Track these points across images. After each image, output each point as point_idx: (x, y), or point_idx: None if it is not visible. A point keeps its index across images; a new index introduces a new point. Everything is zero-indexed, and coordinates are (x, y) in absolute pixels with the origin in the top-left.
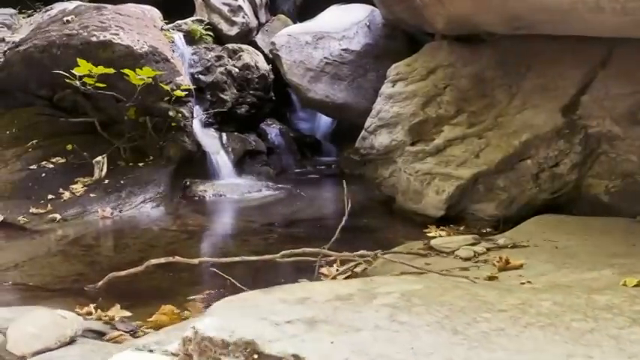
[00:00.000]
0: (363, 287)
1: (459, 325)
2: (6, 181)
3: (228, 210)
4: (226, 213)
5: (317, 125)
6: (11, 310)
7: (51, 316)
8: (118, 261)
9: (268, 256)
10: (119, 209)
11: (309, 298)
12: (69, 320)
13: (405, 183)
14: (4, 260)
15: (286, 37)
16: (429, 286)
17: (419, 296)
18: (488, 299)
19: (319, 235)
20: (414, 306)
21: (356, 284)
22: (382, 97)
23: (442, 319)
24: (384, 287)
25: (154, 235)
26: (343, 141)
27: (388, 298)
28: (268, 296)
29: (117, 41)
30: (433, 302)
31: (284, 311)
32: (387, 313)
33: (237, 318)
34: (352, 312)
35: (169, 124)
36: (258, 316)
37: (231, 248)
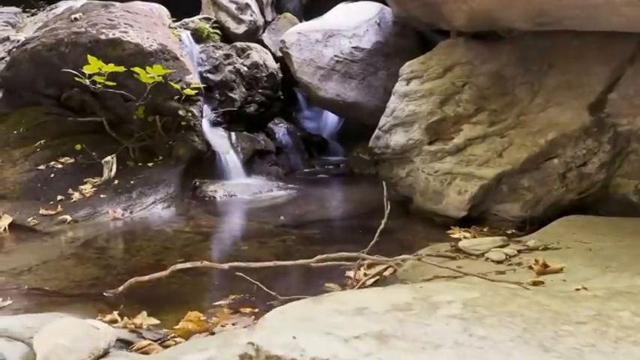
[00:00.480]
0: (417, 295)
1: (544, 340)
2: (14, 181)
3: (239, 211)
4: (238, 214)
5: (323, 124)
6: (32, 318)
7: (82, 326)
8: (133, 264)
9: (303, 260)
10: (130, 210)
11: (366, 308)
12: (102, 331)
13: (423, 183)
14: (18, 263)
15: (296, 35)
16: (485, 294)
17: (482, 306)
18: (557, 309)
19: (337, 237)
20: (484, 317)
21: (407, 292)
22: (396, 96)
23: (522, 332)
24: (440, 295)
25: (167, 237)
26: (350, 140)
27: (451, 309)
28: (321, 306)
29: (126, 39)
30: (501, 313)
31: (346, 324)
32: (459, 326)
33: (300, 333)
34: (420, 325)
35: (179, 123)
36: (321, 330)
37: (249, 251)
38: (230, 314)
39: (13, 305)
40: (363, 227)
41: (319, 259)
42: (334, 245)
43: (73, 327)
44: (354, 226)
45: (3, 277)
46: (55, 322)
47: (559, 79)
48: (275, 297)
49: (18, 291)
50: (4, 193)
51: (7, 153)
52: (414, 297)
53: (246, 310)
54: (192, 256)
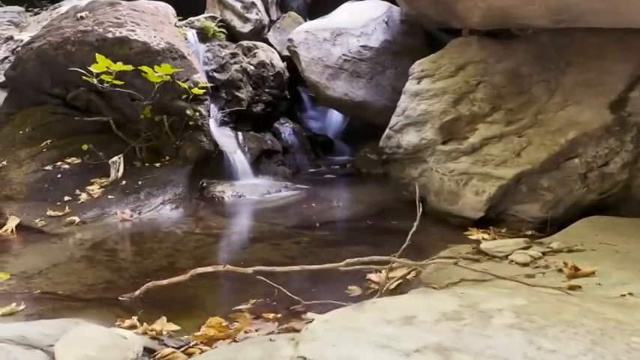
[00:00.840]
0: (463, 303)
1: (619, 353)
2: (21, 182)
3: (249, 212)
4: (248, 215)
5: (328, 124)
6: (48, 324)
7: (108, 335)
8: (145, 267)
9: (331, 264)
10: (138, 211)
11: (413, 317)
12: (129, 341)
13: (438, 183)
14: (27, 266)
15: (304, 34)
16: (532, 301)
17: (535, 314)
18: (617, 318)
19: (351, 238)
20: (543, 328)
21: (450, 298)
22: (407, 95)
23: (591, 345)
24: (487, 303)
25: (178, 239)
26: (356, 140)
27: (505, 317)
28: (365, 315)
29: (134, 37)
30: (559, 322)
31: (400, 335)
32: (522, 338)
33: (354, 345)
34: (480, 336)
35: (186, 123)
36: (375, 343)
37: (262, 253)
38: (252, 319)
39: (26, 310)
40: (376, 228)
41: (349, 263)
42: (349, 247)
43: (98, 336)
44: (367, 227)
45: (13, 281)
46: (76, 330)
47: (577, 77)
48: (298, 301)
49: (30, 295)
50: (11, 194)
51: (13, 153)
52: (460, 304)
53: (268, 315)
54: (205, 258)
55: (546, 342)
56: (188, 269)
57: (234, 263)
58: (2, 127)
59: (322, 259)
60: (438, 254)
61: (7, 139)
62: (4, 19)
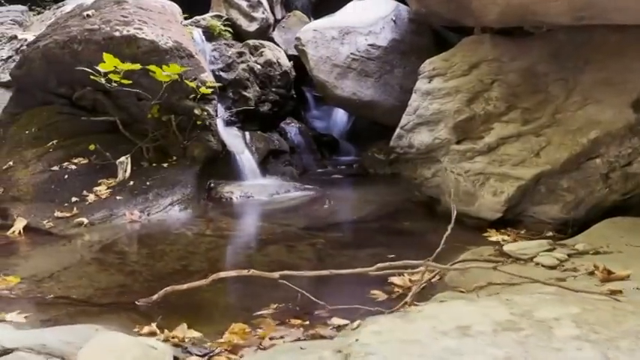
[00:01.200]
0: (515, 311)
1: None
2: (27, 183)
3: (259, 212)
4: (258, 216)
5: (332, 124)
6: (68, 331)
7: (138, 346)
8: (159, 270)
9: (361, 269)
10: (147, 212)
11: (468, 328)
12: (160, 351)
13: (453, 184)
14: (38, 269)
15: (312, 33)
16: (586, 309)
17: (596, 324)
18: None
19: (367, 240)
20: (613, 340)
21: (498, 305)
22: (418, 94)
23: None
24: (539, 311)
25: (189, 241)
26: (361, 140)
27: (565, 328)
28: (416, 325)
29: (141, 36)
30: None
31: (463, 349)
32: (595, 352)
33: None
34: (548, 349)
35: (194, 122)
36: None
37: (278, 255)
38: (275, 325)
39: (40, 316)
40: (389, 229)
41: (380, 267)
42: (365, 249)
43: (126, 346)
44: (381, 229)
45: (24, 285)
46: (100, 339)
47: (596, 75)
48: (321, 306)
49: (43, 300)
50: (18, 195)
51: (19, 154)
52: (512, 312)
53: (292, 320)
54: (219, 261)
55: (623, 356)
56: (203, 272)
57: (249, 266)
58: (8, 127)
59: (340, 262)
60: (458, 256)
61: (13, 139)
62: (7, 19)
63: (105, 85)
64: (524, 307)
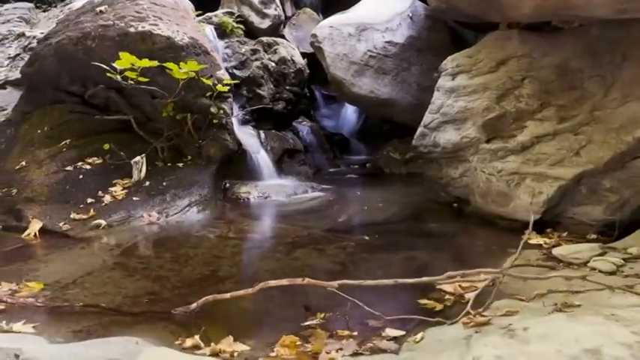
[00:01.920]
0: (635, 329)
1: None
2: (42, 183)
3: (279, 214)
4: (279, 217)
5: (342, 122)
6: (109, 346)
7: None
8: (187, 276)
9: (428, 277)
10: (165, 214)
11: (599, 352)
12: None
13: (484, 184)
14: (60, 275)
15: (328, 29)
16: None
17: None
18: None
19: (398, 243)
20: None
21: (608, 323)
22: (442, 91)
23: None
24: None
25: (212, 244)
26: (371, 139)
27: None
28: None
29: (157, 32)
30: None
31: None
32: None
33: None
34: None
35: (210, 121)
36: None
37: (309, 259)
38: (326, 337)
39: (71, 326)
40: (418, 231)
41: (450, 276)
42: (399, 252)
43: None
44: (408, 231)
45: (49, 291)
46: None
47: (636, 71)
48: (371, 315)
49: (71, 308)
50: (32, 195)
51: (32, 153)
52: (633, 331)
53: (343, 332)
54: (249, 266)
55: None
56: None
57: (281, 271)
58: (19, 126)
59: (375, 266)
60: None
61: (25, 138)
62: (14, 16)
63: (121, 82)
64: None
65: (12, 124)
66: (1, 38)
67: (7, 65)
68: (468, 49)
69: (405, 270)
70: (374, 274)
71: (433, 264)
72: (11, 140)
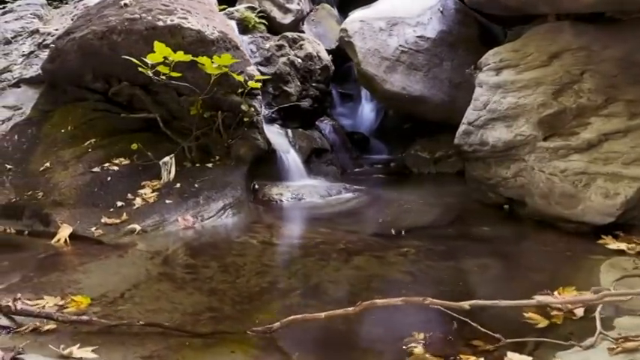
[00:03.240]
0: None
1: None
2: (69, 186)
3: (317, 217)
4: (319, 220)
5: (359, 121)
6: None
7: None
8: (243, 289)
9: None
10: (200, 217)
11: None
12: None
13: (544, 184)
14: (105, 288)
15: (359, 23)
16: None
17: None
18: None
19: (459, 249)
20: None
21: None
22: (485, 87)
23: None
24: None
25: (258, 252)
26: (390, 138)
27: None
28: None
29: (187, 26)
30: None
31: None
32: None
33: None
34: None
35: (240, 119)
36: None
37: (371, 268)
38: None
39: (137, 350)
40: (472, 235)
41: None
42: (466, 259)
43: None
44: (461, 235)
45: (97, 307)
46: None
47: None
48: (498, 339)
49: (129, 328)
50: (60, 199)
51: (56, 154)
52: None
53: (452, 354)
54: (309, 276)
55: None
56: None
57: (346, 282)
58: (41, 126)
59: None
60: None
61: (48, 138)
62: (27, 12)
63: (152, 78)
64: None
65: (32, 123)
66: (15, 35)
67: (21, 63)
68: (512, 43)
69: (484, 280)
70: (452, 284)
71: (511, 273)
72: (33, 140)
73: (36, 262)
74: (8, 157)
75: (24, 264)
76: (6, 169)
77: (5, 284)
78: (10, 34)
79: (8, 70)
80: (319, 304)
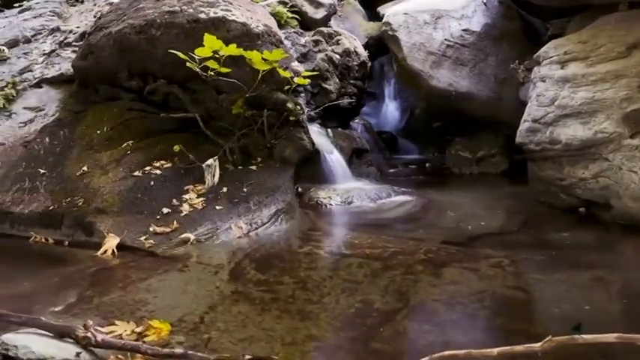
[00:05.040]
0: None
1: None
2: (111, 191)
3: (375, 223)
4: (379, 227)
5: (383, 120)
6: None
7: None
8: (336, 310)
9: None
10: (254, 225)
11: None
12: None
13: (636, 185)
14: (180, 310)
15: (403, 17)
16: None
17: None
18: None
19: (557, 258)
20: None
21: None
22: (550, 82)
23: None
24: None
25: (331, 264)
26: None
27: None
28: None
29: (231, 18)
30: None
31: None
32: None
33: None
34: None
35: (285, 118)
36: None
37: (473, 284)
38: None
39: None
40: (554, 242)
41: None
42: (572, 271)
43: None
44: (542, 242)
45: (180, 335)
46: None
47: None
48: None
49: None
50: (103, 206)
51: (92, 157)
52: None
53: None
54: (406, 294)
55: None
56: (394, 309)
57: (451, 299)
58: (74, 127)
59: (566, 291)
60: None
61: (83, 140)
62: (46, 10)
63: (200, 74)
64: None
65: (64, 124)
66: (34, 33)
67: (42, 62)
68: (575, 34)
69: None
70: (577, 303)
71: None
72: (67, 143)
73: (88, 278)
74: (41, 161)
75: (75, 280)
76: (39, 173)
77: (62, 305)
78: (29, 33)
79: (29, 70)
80: (438, 331)
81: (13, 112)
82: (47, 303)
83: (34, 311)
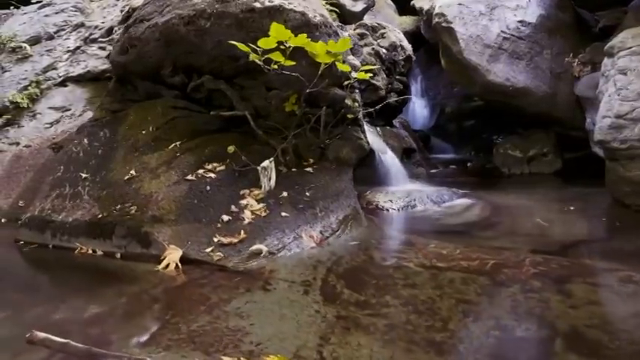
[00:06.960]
0: None
1: None
2: (166, 197)
3: (449, 229)
4: (456, 234)
5: (411, 118)
6: None
7: None
8: (474, 341)
9: None
10: (325, 233)
11: None
12: None
13: None
14: (290, 342)
15: (457, 7)
16: None
17: None
18: None
19: None
20: None
21: None
22: (634, 74)
23: None
24: None
25: (430, 280)
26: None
27: None
28: None
29: (289, 7)
30: None
31: None
32: None
33: None
34: None
35: (342, 116)
36: None
37: (614, 305)
38: None
39: None
40: None
41: None
42: None
43: None
44: None
45: None
46: None
47: None
48: None
49: None
50: (159, 214)
51: (139, 160)
52: None
53: None
54: (543, 318)
55: None
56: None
57: (603, 325)
58: (115, 127)
59: None
60: None
61: (127, 141)
62: (68, 5)
63: (263, 68)
64: None
65: (103, 124)
66: (57, 30)
67: (66, 60)
68: None
69: None
70: None
71: None
72: (109, 144)
73: (160, 299)
74: (81, 165)
75: (144, 301)
76: (81, 178)
77: (146, 335)
78: (52, 29)
79: (53, 68)
80: None
81: (38, 112)
82: (124, 331)
83: (112, 342)
